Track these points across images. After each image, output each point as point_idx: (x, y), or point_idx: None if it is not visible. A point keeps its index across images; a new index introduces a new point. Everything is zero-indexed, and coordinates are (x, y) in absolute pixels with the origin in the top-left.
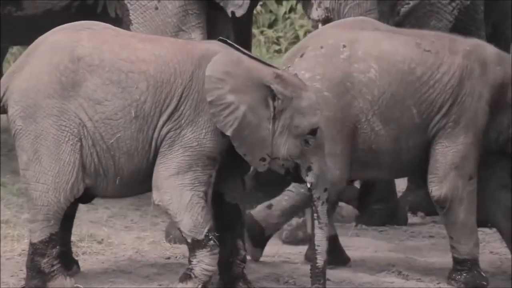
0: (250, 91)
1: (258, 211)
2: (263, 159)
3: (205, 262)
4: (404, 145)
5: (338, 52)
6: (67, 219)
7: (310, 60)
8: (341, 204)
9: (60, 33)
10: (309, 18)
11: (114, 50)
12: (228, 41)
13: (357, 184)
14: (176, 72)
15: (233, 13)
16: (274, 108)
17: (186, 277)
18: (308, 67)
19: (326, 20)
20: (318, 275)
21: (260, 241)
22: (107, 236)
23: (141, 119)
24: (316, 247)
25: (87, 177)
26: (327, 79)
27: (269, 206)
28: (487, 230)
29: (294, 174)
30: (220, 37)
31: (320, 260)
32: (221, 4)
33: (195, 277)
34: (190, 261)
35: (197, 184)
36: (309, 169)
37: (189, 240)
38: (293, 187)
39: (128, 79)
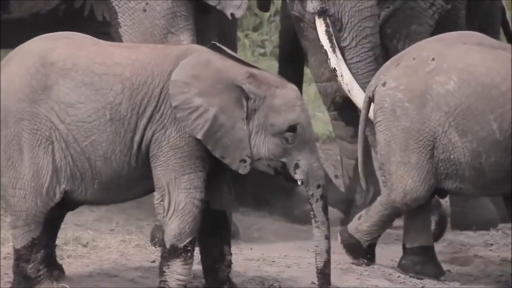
0: (220, 93)
1: (351, 224)
2: (244, 161)
3: (178, 272)
4: (484, 161)
5: (426, 64)
6: (53, 223)
7: (400, 70)
8: None
9: (37, 41)
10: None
11: (89, 55)
12: (219, 45)
13: (341, 188)
14: (154, 74)
15: (232, 15)
16: (248, 108)
17: None
18: (396, 77)
19: (321, 12)
20: (319, 277)
21: (361, 253)
22: (92, 239)
23: (116, 122)
24: (315, 248)
25: (64, 181)
26: (409, 90)
27: (359, 217)
28: (471, 233)
29: (284, 174)
30: (213, 42)
31: (320, 261)
32: (218, 7)
33: None
34: (162, 272)
35: (193, 190)
36: (296, 166)
37: (167, 246)
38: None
39: (102, 81)
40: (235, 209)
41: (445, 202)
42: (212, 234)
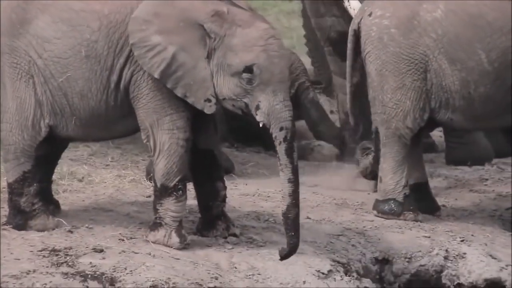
0: (183, 32)
1: (377, 194)
2: (208, 100)
3: (171, 210)
4: (473, 90)
5: None
6: (49, 158)
7: None
8: (321, 143)
9: None
10: None
11: None
12: None
13: (337, 123)
14: (133, 13)
15: None
16: (208, 47)
17: (157, 225)
18: (382, 6)
19: None
20: (283, 221)
21: (402, 208)
22: (87, 174)
23: (92, 59)
24: (281, 191)
25: (47, 115)
26: (396, 17)
27: (380, 180)
28: (466, 168)
29: (250, 115)
30: None
31: (284, 204)
32: None
33: (166, 224)
34: (156, 209)
35: (176, 131)
36: (257, 108)
37: (158, 185)
38: None
39: (79, 17)
40: (230, 145)
41: (440, 137)
42: (203, 172)
